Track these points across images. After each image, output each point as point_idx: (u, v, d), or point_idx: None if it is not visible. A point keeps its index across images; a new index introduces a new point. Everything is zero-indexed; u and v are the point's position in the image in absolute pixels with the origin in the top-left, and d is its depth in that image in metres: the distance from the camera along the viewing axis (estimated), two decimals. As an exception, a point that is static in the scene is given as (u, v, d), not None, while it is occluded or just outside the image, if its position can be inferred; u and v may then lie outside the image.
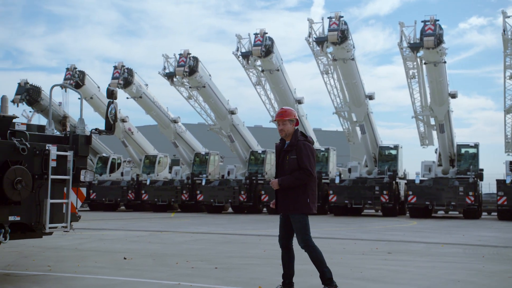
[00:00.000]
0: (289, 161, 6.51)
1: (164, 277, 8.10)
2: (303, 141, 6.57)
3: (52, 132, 8.62)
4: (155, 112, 34.11)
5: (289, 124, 6.65)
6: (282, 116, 6.66)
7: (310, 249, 6.53)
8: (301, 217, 6.53)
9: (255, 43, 28.62)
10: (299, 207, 6.50)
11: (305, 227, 6.53)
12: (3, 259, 9.65)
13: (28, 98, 33.87)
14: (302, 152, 6.45)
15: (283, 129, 6.65)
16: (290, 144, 6.57)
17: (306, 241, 6.51)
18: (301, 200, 6.48)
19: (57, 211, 7.83)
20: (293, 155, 6.49)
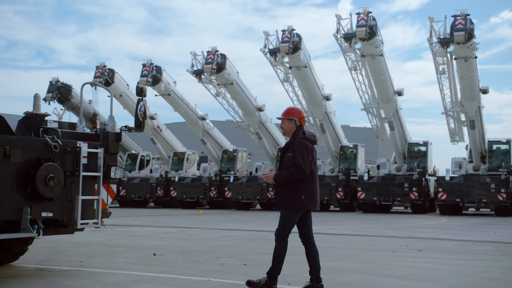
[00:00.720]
0: (286, 158, 6.70)
1: (193, 273, 8.15)
2: (300, 138, 6.69)
3: (83, 129, 8.72)
4: (183, 110, 34.29)
5: (287, 123, 6.85)
6: (283, 115, 6.91)
7: (279, 243, 6.70)
8: (288, 212, 6.68)
9: (283, 39, 28.54)
10: (292, 203, 6.64)
11: (288, 222, 6.71)
12: (37, 254, 9.83)
13: (59, 96, 34.38)
14: (296, 149, 6.60)
15: (282, 127, 6.92)
16: (289, 142, 6.77)
17: (280, 235, 6.71)
18: (296, 196, 6.63)
19: (88, 207, 7.93)
20: (290, 152, 6.67)
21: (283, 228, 6.72)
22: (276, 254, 6.73)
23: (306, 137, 6.74)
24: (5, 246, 8.38)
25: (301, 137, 6.71)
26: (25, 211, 7.17)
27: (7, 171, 7.02)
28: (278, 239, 6.71)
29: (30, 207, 7.20)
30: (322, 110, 31.29)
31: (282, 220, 6.74)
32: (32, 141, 7.44)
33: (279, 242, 6.71)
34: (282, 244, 6.71)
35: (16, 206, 7.13)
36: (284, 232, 6.72)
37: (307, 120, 33.30)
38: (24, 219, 7.18)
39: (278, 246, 6.72)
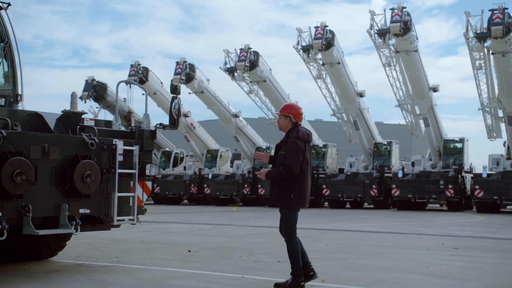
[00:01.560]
0: (279, 156, 6.81)
1: (227, 270, 8.19)
2: (293, 138, 6.75)
3: (119, 127, 8.82)
4: (216, 107, 34.44)
5: (283, 119, 6.94)
6: (280, 111, 7.01)
7: (289, 244, 6.74)
8: (285, 211, 6.76)
9: (316, 36, 28.42)
10: (282, 201, 6.74)
11: (288, 221, 6.76)
12: (75, 250, 10.01)
13: (94, 94, 34.90)
14: (288, 148, 6.71)
15: (278, 123, 7.05)
16: (283, 140, 6.87)
17: (288, 236, 6.75)
18: (285, 194, 6.70)
19: (124, 204, 8.01)
20: (283, 150, 6.77)
21: (288, 228, 6.78)
22: (291, 254, 6.76)
23: (299, 136, 6.76)
24: (45, 241, 8.56)
25: (294, 136, 6.76)
26: (63, 207, 7.30)
27: (46, 168, 7.15)
28: (288, 242, 6.77)
29: (68, 203, 7.32)
30: (355, 106, 31.07)
31: (283, 221, 6.82)
32: (69, 138, 7.56)
33: (289, 241, 6.77)
34: (293, 243, 6.76)
35: (54, 203, 7.26)
36: (290, 231, 6.77)
37: (341, 116, 33.11)
38: (62, 216, 7.30)
39: (290, 246, 6.77)
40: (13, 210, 6.79)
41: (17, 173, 6.66)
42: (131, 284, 7.04)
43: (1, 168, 6.58)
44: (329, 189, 30.68)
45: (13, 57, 8.97)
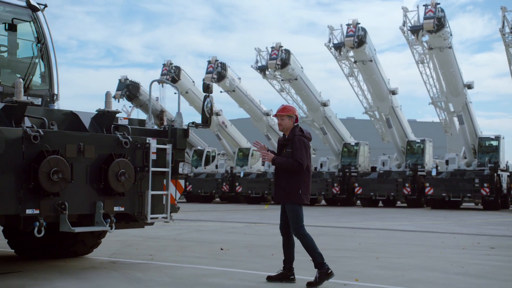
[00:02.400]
0: (285, 153, 6.98)
1: (260, 268, 8.20)
2: (299, 136, 7.00)
3: (152, 126, 8.90)
4: (248, 105, 34.50)
5: (287, 120, 7.10)
6: (281, 112, 7.12)
7: (301, 237, 6.93)
8: (293, 207, 6.95)
9: (348, 33, 28.25)
10: (291, 197, 6.94)
11: (297, 216, 6.94)
12: (109, 247, 10.14)
13: (128, 93, 35.32)
14: (296, 145, 6.92)
15: (281, 124, 7.13)
16: (287, 138, 7.05)
17: (297, 230, 6.93)
18: (293, 190, 6.92)
19: (157, 202, 8.08)
20: (289, 148, 6.96)
21: (297, 223, 6.94)
22: (307, 247, 6.95)
23: (304, 134, 7.07)
24: (80, 239, 8.69)
25: (300, 134, 7.02)
26: (98, 205, 7.39)
27: (81, 166, 7.26)
28: (299, 237, 6.94)
29: (103, 201, 7.41)
30: (388, 104, 30.78)
31: (292, 217, 6.96)
32: (104, 137, 7.66)
33: (301, 238, 6.94)
34: (305, 237, 6.95)
35: (90, 201, 7.36)
36: (299, 226, 6.95)
37: (373, 114, 32.86)
38: (97, 213, 7.40)
39: (304, 241, 6.95)
40: (50, 208, 6.91)
41: (53, 171, 6.77)
42: (164, 281, 7.10)
43: (38, 166, 6.70)
44: (361, 187, 30.48)
45: (49, 57, 9.13)
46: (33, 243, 8.42)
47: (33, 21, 9.04)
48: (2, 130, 6.58)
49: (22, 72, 8.88)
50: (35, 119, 7.35)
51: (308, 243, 6.92)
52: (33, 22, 9.05)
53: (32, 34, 9.07)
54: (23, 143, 6.70)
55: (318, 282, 6.86)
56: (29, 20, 9.04)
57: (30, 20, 9.04)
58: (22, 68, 8.99)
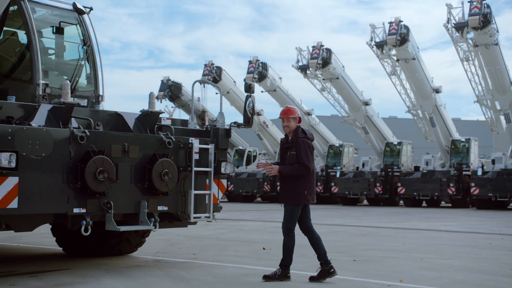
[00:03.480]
0: (289, 156, 7.15)
1: (302, 267, 8.17)
2: (302, 138, 7.16)
3: (194, 126, 8.98)
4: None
5: (292, 122, 7.26)
6: (287, 114, 7.28)
7: (287, 237, 7.15)
8: (292, 207, 7.15)
9: (390, 32, 27.92)
10: (296, 198, 7.10)
11: (291, 216, 7.15)
12: (153, 246, 10.28)
13: (170, 94, 35.72)
14: (301, 148, 7.08)
15: (288, 126, 7.27)
16: (291, 141, 7.20)
17: (287, 229, 7.15)
18: (300, 192, 7.09)
19: (200, 201, 8.15)
20: (293, 151, 7.12)
21: (289, 222, 7.16)
22: (286, 247, 7.14)
23: (307, 136, 7.24)
24: (125, 237, 8.83)
25: (303, 136, 7.19)
26: (142, 204, 7.51)
27: (126, 166, 7.38)
28: (286, 232, 7.14)
29: (147, 201, 7.53)
30: (431, 103, 30.29)
31: (287, 215, 7.17)
32: (148, 137, 7.77)
33: (288, 235, 7.14)
34: (290, 237, 7.14)
35: (134, 200, 7.48)
36: (290, 226, 7.15)
37: (416, 113, 32.39)
38: (142, 213, 7.51)
39: (286, 239, 7.14)
40: (96, 207, 7.05)
41: (99, 171, 6.91)
42: (208, 280, 7.16)
43: (85, 166, 6.85)
44: (404, 187, 30.08)
45: (94, 59, 9.32)
46: (80, 241, 8.61)
47: (79, 24, 9.25)
48: (50, 131, 6.75)
49: (69, 74, 9.09)
50: (82, 120, 7.52)
51: (288, 245, 7.16)
52: (79, 25, 9.25)
53: (78, 37, 9.28)
54: (70, 143, 6.86)
55: (276, 278, 7.07)
56: (75, 23, 9.25)
57: (76, 23, 9.25)
58: (69, 70, 9.21)
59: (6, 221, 6.67)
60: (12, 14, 8.72)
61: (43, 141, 6.61)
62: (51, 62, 9.21)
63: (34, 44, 8.46)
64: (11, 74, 8.91)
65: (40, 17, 8.99)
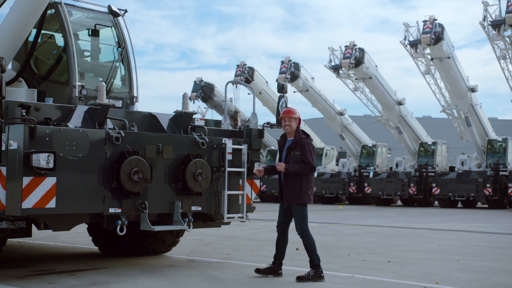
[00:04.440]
0: (293, 156, 7.28)
1: (336, 268, 8.13)
2: (306, 139, 7.36)
3: (227, 126, 9.02)
4: (321, 105, 34.30)
5: (294, 122, 7.42)
6: (289, 114, 7.44)
7: (306, 237, 7.27)
8: (302, 207, 7.29)
9: (424, 30, 27.54)
10: (301, 198, 7.25)
11: (304, 216, 7.30)
12: (187, 246, 10.35)
13: (202, 95, 35.90)
14: (305, 148, 7.26)
15: (289, 125, 7.41)
16: (294, 141, 7.34)
17: (303, 229, 7.26)
18: (304, 191, 7.24)
19: (233, 202, 8.17)
20: (297, 151, 7.27)
21: (303, 222, 7.28)
22: (309, 247, 7.26)
23: (309, 137, 7.47)
24: (160, 237, 8.92)
25: (305, 137, 7.39)
26: (176, 205, 7.57)
27: (160, 167, 7.46)
28: (303, 233, 7.26)
29: (181, 201, 7.58)
30: (467, 102, 29.79)
31: (300, 216, 7.29)
32: (182, 138, 7.84)
33: (305, 235, 7.27)
34: (308, 237, 7.28)
35: (168, 200, 7.54)
36: (305, 226, 7.28)
37: (451, 113, 31.92)
38: (176, 213, 7.57)
39: (307, 240, 7.27)
40: (131, 207, 7.14)
41: (134, 171, 6.99)
42: (241, 280, 7.18)
43: (120, 167, 6.93)
44: (439, 187, 29.65)
45: (129, 61, 9.44)
46: (116, 241, 8.72)
47: (114, 26, 9.38)
48: (87, 132, 6.86)
49: (104, 76, 9.22)
50: (117, 121, 7.62)
51: (310, 244, 7.25)
52: (114, 27, 9.38)
53: (113, 39, 9.41)
54: (105, 144, 6.96)
55: (310, 279, 7.10)
56: (110, 25, 9.38)
57: (111, 25, 9.38)
58: (104, 71, 9.35)
59: (45, 221, 6.80)
60: (50, 17, 8.90)
61: (80, 142, 6.72)
62: (87, 64, 9.36)
63: (71, 47, 8.61)
64: (48, 76, 9.09)
65: (77, 20, 9.15)
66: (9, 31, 8.09)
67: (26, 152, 6.30)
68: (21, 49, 8.55)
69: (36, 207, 6.39)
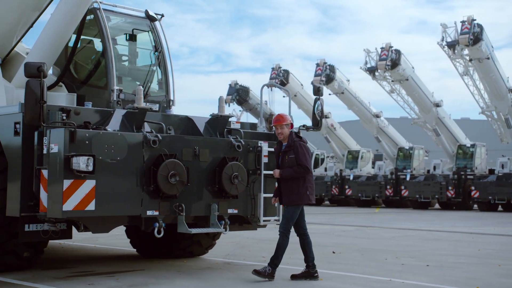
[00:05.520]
0: (288, 160, 7.37)
1: (374, 272, 8.05)
2: (299, 141, 7.44)
3: (263, 129, 9.02)
4: (357, 107, 34.06)
5: (285, 128, 7.50)
6: (280, 121, 7.50)
7: (284, 237, 7.39)
8: (294, 208, 7.37)
9: (462, 31, 27.08)
10: (301, 198, 7.36)
11: (292, 217, 7.40)
12: (223, 248, 10.38)
13: (238, 98, 36.00)
14: (299, 151, 7.35)
15: (282, 133, 7.49)
16: (288, 145, 7.42)
17: (285, 230, 7.40)
18: (303, 192, 7.35)
19: (269, 205, 8.16)
20: (291, 154, 7.37)
21: (289, 223, 7.40)
22: (281, 246, 7.38)
23: (303, 140, 7.54)
24: (196, 240, 8.98)
25: (298, 140, 7.47)
26: (213, 207, 7.61)
27: (197, 169, 7.51)
28: (285, 234, 7.37)
29: (217, 203, 7.62)
30: (507, 103, 29.18)
31: (288, 216, 7.40)
32: (218, 141, 7.88)
33: (285, 236, 7.38)
34: (286, 237, 7.39)
35: (205, 203, 7.59)
36: (289, 227, 7.41)
37: (490, 114, 31.31)
38: (212, 215, 7.62)
39: (283, 240, 7.38)
40: (168, 210, 7.20)
41: (171, 174, 7.05)
42: (278, 284, 7.17)
43: (157, 169, 7.01)
44: (478, 191, 29.05)
45: (165, 65, 9.53)
46: (153, 243, 8.81)
47: (151, 31, 9.50)
48: (125, 135, 6.96)
49: (141, 80, 9.34)
50: (154, 124, 7.71)
51: (283, 245, 7.38)
52: (151, 31, 9.50)
53: (150, 43, 9.52)
54: (143, 147, 7.04)
55: (266, 275, 7.21)
56: (147, 30, 9.50)
57: (148, 30, 9.50)
58: (141, 75, 9.46)
59: (85, 223, 6.92)
60: (89, 22, 9.06)
61: (118, 145, 6.82)
62: (124, 68, 9.50)
63: (109, 51, 8.75)
64: (87, 81, 9.25)
65: (114, 25, 9.29)
66: (50, 37, 8.27)
67: (66, 156, 6.42)
68: (61, 54, 8.73)
69: (76, 210, 6.50)
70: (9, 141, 7.05)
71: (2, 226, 7.12)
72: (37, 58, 7.83)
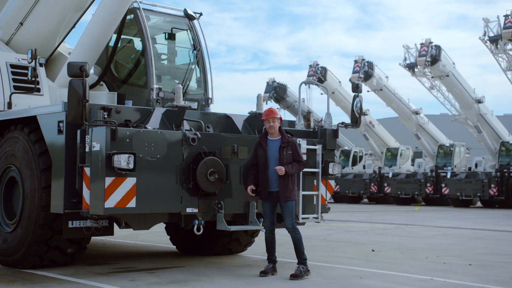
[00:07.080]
0: (286, 155, 7.34)
1: (414, 271, 7.95)
2: (292, 138, 7.51)
3: (301, 127, 9.00)
4: (395, 104, 33.65)
5: (277, 122, 7.45)
6: (272, 115, 7.45)
7: (297, 231, 7.46)
8: (293, 203, 7.45)
9: (505, 25, 26.51)
10: (294, 194, 7.45)
11: (293, 211, 7.47)
12: (262, 246, 10.24)
13: (275, 95, 36.01)
14: (295, 148, 7.45)
15: (273, 126, 7.41)
16: (286, 141, 7.39)
17: (294, 225, 7.46)
18: (295, 188, 7.47)
19: (308, 202, 8.14)
20: (289, 150, 7.36)
21: (292, 218, 7.44)
22: (299, 241, 7.46)
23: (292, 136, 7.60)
24: (235, 237, 9.02)
25: (290, 136, 7.51)
26: (251, 205, 7.63)
27: (235, 167, 7.54)
28: (296, 229, 7.44)
29: (256, 201, 7.64)
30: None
31: (290, 212, 7.40)
32: (255, 139, 7.88)
33: (297, 230, 7.45)
34: (298, 231, 7.49)
35: (244, 200, 7.62)
36: (294, 222, 7.49)
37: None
38: (251, 213, 7.64)
39: (297, 235, 7.44)
40: (207, 207, 7.26)
41: (210, 172, 7.11)
42: (317, 281, 7.15)
43: (196, 167, 7.06)
44: (522, 188, 28.38)
45: (204, 63, 9.61)
46: (193, 240, 8.88)
47: (190, 30, 9.58)
48: (164, 133, 7.03)
49: (180, 78, 9.43)
50: (193, 122, 7.77)
51: (300, 239, 7.45)
52: (190, 30, 9.58)
53: (188, 42, 9.61)
54: (182, 145, 7.11)
55: (303, 275, 7.25)
56: (186, 28, 9.59)
57: (187, 28, 9.58)
58: (180, 74, 9.55)
59: (126, 220, 7.03)
60: (129, 22, 9.19)
61: (158, 143, 6.90)
62: (164, 67, 9.60)
63: (149, 50, 8.87)
64: (128, 80, 9.39)
65: (154, 24, 9.41)
66: (92, 37, 8.43)
67: (108, 153, 6.53)
68: (102, 54, 8.88)
69: (118, 207, 6.61)
70: (53, 140, 7.20)
71: (47, 223, 7.29)
72: (79, 57, 7.98)
